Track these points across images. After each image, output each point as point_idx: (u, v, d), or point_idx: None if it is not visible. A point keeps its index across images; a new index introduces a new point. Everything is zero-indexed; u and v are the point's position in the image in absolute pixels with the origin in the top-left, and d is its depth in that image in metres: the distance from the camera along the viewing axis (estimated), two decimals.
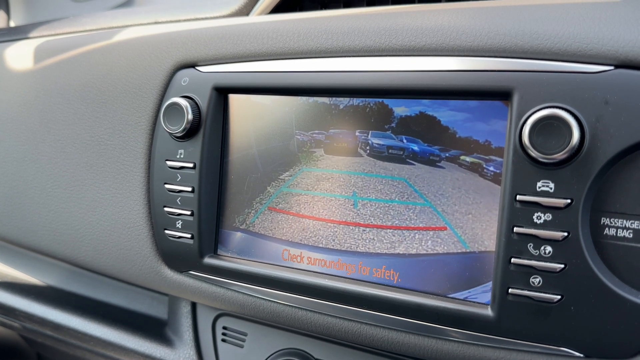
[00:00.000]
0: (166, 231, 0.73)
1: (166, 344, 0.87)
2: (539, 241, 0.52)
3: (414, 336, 0.60)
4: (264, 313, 0.70)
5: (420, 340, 0.60)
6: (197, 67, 0.71)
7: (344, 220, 0.64)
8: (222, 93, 0.70)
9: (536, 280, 0.53)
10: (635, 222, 0.51)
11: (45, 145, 0.88)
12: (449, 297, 0.59)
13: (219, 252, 0.71)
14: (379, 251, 0.62)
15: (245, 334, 0.81)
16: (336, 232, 0.64)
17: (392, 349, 0.63)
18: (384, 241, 0.62)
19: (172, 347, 0.86)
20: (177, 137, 0.70)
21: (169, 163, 0.71)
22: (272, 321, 0.71)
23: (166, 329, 0.92)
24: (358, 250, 0.63)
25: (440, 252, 0.59)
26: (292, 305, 0.67)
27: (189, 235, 0.71)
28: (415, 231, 0.60)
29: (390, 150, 0.62)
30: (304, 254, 0.66)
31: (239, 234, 0.70)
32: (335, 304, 0.63)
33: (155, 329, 0.93)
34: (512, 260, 0.53)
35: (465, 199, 0.58)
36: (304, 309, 0.66)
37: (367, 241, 0.63)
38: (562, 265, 0.52)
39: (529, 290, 0.53)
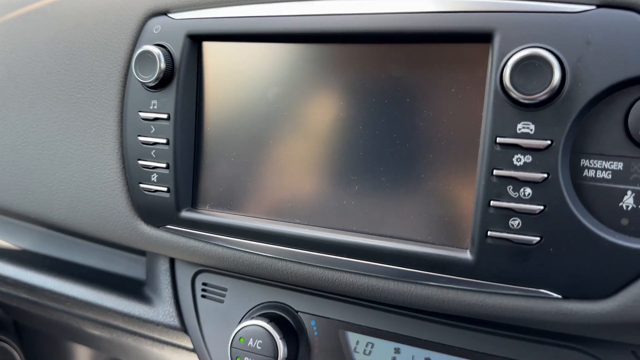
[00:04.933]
0: (141, 185, 0.71)
1: (145, 302, 0.86)
2: (519, 183, 0.52)
3: (394, 282, 0.60)
4: (243, 265, 0.69)
5: (400, 286, 0.60)
6: (170, 15, 0.69)
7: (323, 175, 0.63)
8: (196, 41, 0.67)
9: (515, 222, 0.53)
10: (615, 162, 0.51)
11: (14, 102, 0.85)
12: (428, 243, 0.58)
13: (197, 205, 0.70)
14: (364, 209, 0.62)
15: (225, 289, 0.80)
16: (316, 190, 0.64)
17: (371, 296, 0.62)
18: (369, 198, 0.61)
19: (151, 305, 0.85)
20: (149, 87, 0.68)
21: (142, 114, 0.69)
22: (252, 274, 0.70)
23: (145, 288, 0.91)
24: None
25: (420, 197, 0.59)
26: (271, 257, 0.66)
27: (165, 189, 0.69)
28: (397, 177, 0.60)
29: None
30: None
31: (216, 187, 0.69)
32: (315, 253, 0.63)
33: (134, 288, 0.92)
34: (492, 203, 0.53)
35: (446, 144, 0.57)
36: (283, 259, 0.66)
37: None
38: (542, 207, 0.51)
39: (508, 232, 0.53)
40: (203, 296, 0.81)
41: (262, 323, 0.72)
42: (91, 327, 1.05)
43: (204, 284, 0.82)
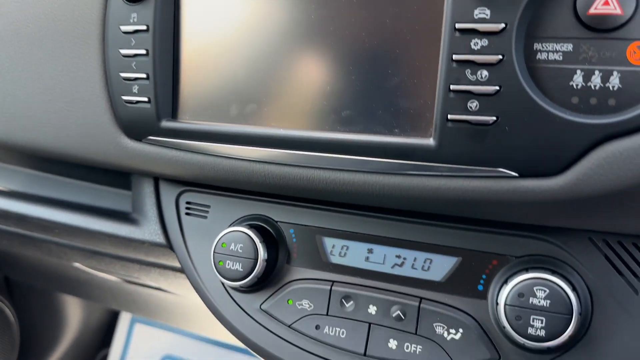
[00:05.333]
0: (123, 97, 0.74)
1: (131, 223, 0.89)
2: (476, 66, 0.55)
3: (363, 174, 0.64)
4: (223, 172, 0.72)
5: (369, 177, 0.64)
6: None
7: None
8: None
9: (473, 104, 0.56)
10: (565, 44, 0.54)
11: None
12: (394, 133, 0.62)
13: (176, 115, 0.73)
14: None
15: (208, 206, 0.83)
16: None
17: (343, 189, 0.66)
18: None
19: (137, 225, 0.88)
20: (129, 1, 0.71)
21: (123, 28, 0.72)
22: (231, 180, 0.73)
23: (131, 214, 0.94)
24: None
25: (387, 92, 0.62)
26: (249, 160, 0.69)
27: (145, 99, 0.72)
28: (366, 74, 0.63)
29: None
30: None
31: (195, 97, 0.72)
32: (290, 151, 0.66)
33: (120, 215, 0.95)
34: (452, 87, 0.56)
35: (411, 39, 0.60)
36: (260, 161, 0.69)
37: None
38: (497, 88, 0.55)
39: (466, 114, 0.56)
40: (187, 214, 0.85)
41: (243, 229, 0.75)
42: (79, 258, 1.08)
43: (187, 202, 0.85)
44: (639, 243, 0.62)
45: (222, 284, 0.80)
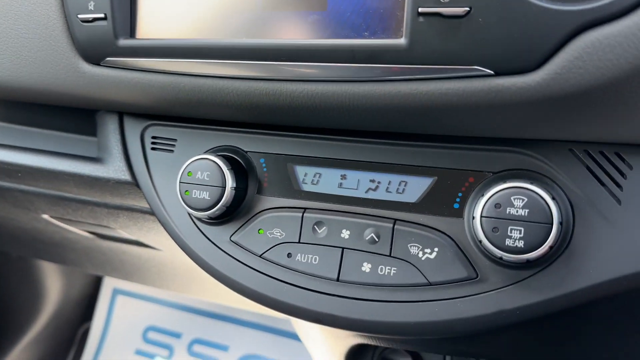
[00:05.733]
0: (79, 16, 0.70)
1: (96, 162, 0.85)
2: None
3: (331, 84, 0.60)
4: (185, 92, 0.68)
5: (338, 87, 0.60)
6: None
7: None
8: None
9: None
10: None
11: None
12: (364, 36, 0.58)
13: (135, 32, 0.69)
14: None
15: (174, 140, 0.79)
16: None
17: (310, 103, 0.62)
18: None
19: (101, 163, 0.84)
20: None
21: None
22: (195, 101, 0.69)
23: (96, 156, 0.90)
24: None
25: None
26: (213, 76, 0.66)
27: (102, 15, 0.68)
28: None
29: None
30: None
31: (154, 14, 0.68)
32: (255, 62, 0.62)
33: (86, 158, 0.91)
34: None
35: None
36: (224, 77, 0.65)
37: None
38: None
39: (438, 6, 0.53)
40: (153, 149, 0.81)
41: (210, 156, 0.72)
42: (46, 208, 1.04)
43: (153, 137, 0.81)
44: (621, 152, 0.59)
45: (191, 217, 0.76)
